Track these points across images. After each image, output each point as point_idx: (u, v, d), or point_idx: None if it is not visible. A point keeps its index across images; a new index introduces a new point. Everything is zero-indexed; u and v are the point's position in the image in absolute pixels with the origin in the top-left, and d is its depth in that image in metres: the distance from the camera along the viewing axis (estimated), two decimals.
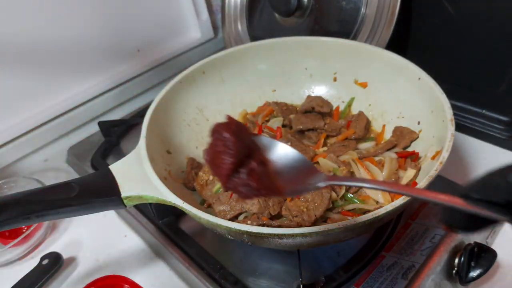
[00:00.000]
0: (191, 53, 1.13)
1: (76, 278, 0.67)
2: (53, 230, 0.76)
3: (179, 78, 0.72)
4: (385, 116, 0.74)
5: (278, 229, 0.45)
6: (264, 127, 0.74)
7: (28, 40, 0.83)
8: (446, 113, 0.57)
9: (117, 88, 1.01)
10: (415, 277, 0.55)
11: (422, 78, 0.64)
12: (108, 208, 0.54)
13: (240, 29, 1.03)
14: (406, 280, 0.55)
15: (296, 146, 0.68)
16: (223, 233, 0.51)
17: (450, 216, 0.32)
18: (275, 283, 0.58)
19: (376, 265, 0.57)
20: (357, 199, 0.60)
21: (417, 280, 0.54)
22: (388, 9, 0.76)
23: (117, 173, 0.54)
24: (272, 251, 0.62)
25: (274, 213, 0.60)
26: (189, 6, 1.07)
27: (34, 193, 0.49)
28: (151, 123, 0.64)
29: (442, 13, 0.76)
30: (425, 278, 0.54)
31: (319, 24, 0.87)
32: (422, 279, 0.54)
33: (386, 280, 0.55)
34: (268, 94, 0.84)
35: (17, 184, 0.78)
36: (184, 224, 0.68)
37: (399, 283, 0.54)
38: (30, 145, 0.91)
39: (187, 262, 0.62)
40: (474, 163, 0.76)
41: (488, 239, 0.63)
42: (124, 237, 0.73)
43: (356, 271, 0.57)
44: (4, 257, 0.69)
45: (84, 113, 0.97)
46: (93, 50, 0.94)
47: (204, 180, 0.67)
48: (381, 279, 0.55)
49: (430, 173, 0.49)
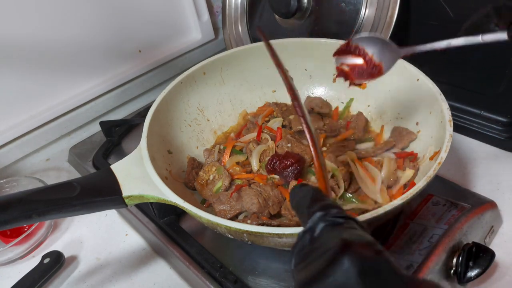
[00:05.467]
0: (192, 54, 1.13)
1: (77, 276, 0.68)
2: (54, 229, 0.77)
3: (180, 79, 0.73)
4: (384, 117, 0.75)
5: (278, 229, 0.45)
6: (264, 127, 0.75)
7: (30, 41, 0.83)
8: (444, 114, 0.57)
9: (119, 89, 1.01)
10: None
11: (420, 79, 0.65)
12: (109, 207, 0.54)
13: (241, 30, 1.03)
14: None
15: (296, 146, 0.69)
16: (223, 232, 0.51)
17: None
18: (275, 282, 0.58)
19: None
20: (355, 199, 0.61)
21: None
22: (387, 11, 0.76)
23: (119, 173, 0.54)
24: (271, 250, 0.62)
25: (273, 212, 0.60)
26: (190, 7, 1.07)
27: (36, 192, 0.49)
28: (152, 123, 0.64)
29: (440, 14, 0.76)
30: (423, 278, 0.55)
31: (318, 26, 0.87)
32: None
33: None
34: (268, 94, 0.85)
35: (19, 184, 0.79)
36: (184, 223, 0.68)
37: None
38: (32, 145, 0.92)
39: (187, 261, 0.62)
40: (472, 163, 0.76)
41: (486, 239, 0.64)
42: (125, 236, 0.73)
43: None
44: (5, 256, 0.70)
45: (86, 113, 0.97)
46: (94, 50, 0.94)
47: (204, 179, 0.67)
48: None
49: (429, 174, 0.49)
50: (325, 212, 0.32)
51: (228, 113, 0.82)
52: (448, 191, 0.66)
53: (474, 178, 0.73)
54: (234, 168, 0.68)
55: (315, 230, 0.31)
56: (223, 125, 0.81)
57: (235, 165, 0.69)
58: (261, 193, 0.61)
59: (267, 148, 0.69)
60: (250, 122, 0.80)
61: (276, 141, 0.71)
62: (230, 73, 0.80)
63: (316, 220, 0.32)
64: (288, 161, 0.62)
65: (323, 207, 0.33)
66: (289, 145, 0.68)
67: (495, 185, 0.71)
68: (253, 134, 0.74)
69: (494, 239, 0.65)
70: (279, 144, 0.69)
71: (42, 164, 0.94)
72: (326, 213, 0.32)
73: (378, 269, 0.25)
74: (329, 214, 0.32)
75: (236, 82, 0.82)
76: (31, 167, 0.93)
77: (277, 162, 0.63)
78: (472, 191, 0.67)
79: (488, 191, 0.68)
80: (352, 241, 0.27)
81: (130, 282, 0.65)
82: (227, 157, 0.70)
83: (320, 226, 0.31)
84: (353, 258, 0.25)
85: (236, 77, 0.81)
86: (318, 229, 0.31)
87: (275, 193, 0.62)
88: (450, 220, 0.60)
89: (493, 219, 0.64)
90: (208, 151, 0.74)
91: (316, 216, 0.32)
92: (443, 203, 0.64)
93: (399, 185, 0.62)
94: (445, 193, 0.65)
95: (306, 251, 0.30)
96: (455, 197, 0.65)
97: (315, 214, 0.32)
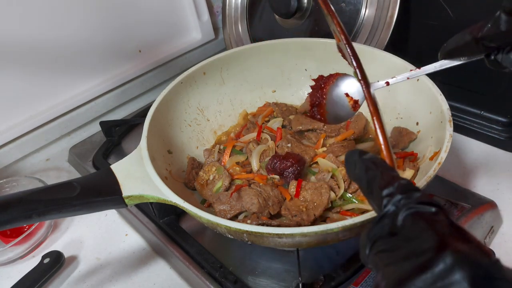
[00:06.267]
0: (192, 54, 1.13)
1: (77, 276, 0.68)
2: (54, 229, 0.77)
3: (180, 79, 0.73)
4: (384, 117, 0.75)
5: (278, 229, 0.45)
6: (264, 127, 0.75)
7: (30, 41, 0.83)
8: (444, 114, 0.57)
9: (119, 89, 1.01)
10: None
11: (420, 79, 0.65)
12: (109, 207, 0.54)
13: (241, 30, 1.03)
14: None
15: (296, 146, 0.69)
16: (223, 232, 0.51)
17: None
18: (275, 282, 0.58)
19: None
20: (356, 199, 0.61)
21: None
22: (387, 11, 0.77)
23: (119, 173, 0.54)
24: (271, 250, 0.62)
25: (273, 212, 0.60)
26: (190, 8, 1.07)
27: (36, 192, 0.49)
28: (152, 123, 0.64)
29: (440, 15, 0.76)
30: None
31: (319, 26, 0.87)
32: None
33: None
34: (268, 94, 0.85)
35: (19, 183, 0.79)
36: (184, 223, 0.69)
37: None
38: (32, 145, 0.92)
39: (187, 261, 0.62)
40: (472, 164, 0.76)
41: (486, 239, 0.64)
42: (125, 236, 0.73)
43: (354, 270, 0.57)
44: (5, 256, 0.70)
45: (86, 113, 0.97)
46: (94, 50, 0.94)
47: (204, 179, 0.67)
48: None
49: (429, 174, 0.49)
50: (407, 195, 0.28)
51: (228, 113, 0.82)
52: (448, 191, 0.66)
53: (474, 178, 0.73)
54: (234, 168, 0.68)
55: (397, 217, 0.27)
56: (223, 125, 0.81)
57: (235, 165, 0.69)
58: (261, 193, 0.61)
59: (267, 148, 0.69)
60: (250, 122, 0.80)
61: (276, 141, 0.71)
62: (230, 73, 0.80)
63: (397, 205, 0.28)
64: (288, 161, 0.62)
65: (403, 188, 0.28)
66: (289, 145, 0.68)
67: (495, 185, 0.71)
68: (253, 134, 0.74)
69: (494, 239, 0.65)
70: (279, 144, 0.69)
71: (42, 164, 0.94)
72: (408, 196, 0.28)
73: (496, 285, 0.21)
74: (412, 198, 0.28)
75: (236, 82, 0.82)
76: (31, 167, 0.93)
77: (277, 163, 0.63)
78: (472, 191, 0.67)
79: (488, 191, 0.68)
80: (458, 244, 0.23)
81: (130, 282, 0.65)
82: (227, 157, 0.70)
83: (404, 213, 0.27)
84: (465, 267, 0.22)
85: (236, 77, 0.81)
86: (402, 217, 0.27)
87: (275, 193, 0.62)
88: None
89: (493, 219, 0.64)
90: (208, 151, 0.74)
91: (396, 200, 0.28)
92: (443, 203, 0.64)
93: None
94: (445, 193, 0.65)
95: (392, 242, 0.26)
96: (455, 197, 0.65)
97: (394, 196, 0.28)
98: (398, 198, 0.28)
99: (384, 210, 0.28)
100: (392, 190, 0.29)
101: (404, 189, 0.29)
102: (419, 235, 0.25)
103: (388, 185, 0.29)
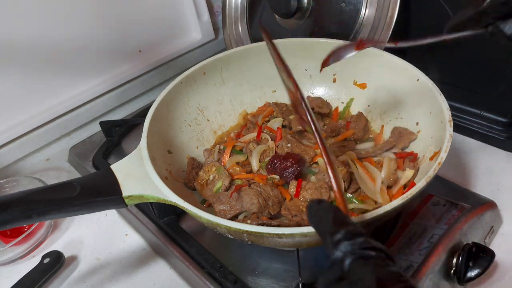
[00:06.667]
0: (192, 54, 1.13)
1: (77, 276, 0.68)
2: (54, 229, 0.77)
3: (180, 79, 0.73)
4: (384, 117, 0.75)
5: (278, 229, 0.45)
6: (264, 127, 0.75)
7: (30, 40, 0.83)
8: (444, 114, 0.57)
9: (119, 89, 1.01)
10: (413, 277, 0.55)
11: (420, 79, 0.65)
12: (109, 207, 0.54)
13: (241, 30, 1.03)
14: None
15: (296, 146, 0.69)
16: (223, 232, 0.51)
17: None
18: (275, 282, 0.58)
19: None
20: (355, 199, 0.61)
21: (415, 280, 0.55)
22: (387, 11, 0.77)
23: (119, 173, 0.54)
24: (271, 250, 0.62)
25: (273, 212, 0.60)
26: (190, 8, 1.07)
27: (36, 192, 0.49)
28: (152, 123, 0.64)
29: (441, 15, 0.76)
30: (423, 278, 0.55)
31: (318, 26, 0.87)
32: (420, 279, 0.55)
33: None
34: (268, 94, 0.85)
35: (19, 183, 0.79)
36: (184, 223, 0.69)
37: None
38: (32, 145, 0.92)
39: (187, 261, 0.62)
40: (472, 164, 0.76)
41: (486, 239, 0.64)
42: (125, 236, 0.73)
43: None
44: (5, 256, 0.70)
45: (86, 113, 0.97)
46: (94, 50, 0.94)
47: (204, 180, 0.67)
48: None
49: (429, 174, 0.49)
50: (352, 241, 0.31)
51: (228, 113, 0.82)
52: (448, 191, 0.66)
53: (474, 178, 0.73)
54: (234, 168, 0.68)
55: (344, 262, 0.30)
56: (223, 125, 0.81)
57: (235, 165, 0.69)
58: (261, 193, 0.61)
59: (267, 148, 0.69)
60: (250, 122, 0.80)
61: (276, 141, 0.71)
62: (230, 73, 0.80)
63: (344, 251, 0.31)
64: (288, 161, 0.62)
65: (348, 235, 0.32)
66: (289, 145, 0.68)
67: (495, 185, 0.71)
68: (253, 134, 0.74)
69: (494, 239, 0.65)
70: (279, 144, 0.69)
71: (42, 164, 0.94)
72: (353, 242, 0.31)
73: None
74: (356, 243, 0.31)
75: (236, 82, 0.82)
76: (31, 167, 0.93)
77: (277, 163, 0.63)
78: (472, 191, 0.67)
79: (488, 191, 0.69)
80: (388, 283, 0.27)
81: (130, 282, 0.65)
82: (227, 157, 0.70)
83: (349, 259, 0.30)
84: None
85: (236, 77, 0.81)
86: (348, 262, 0.30)
87: (275, 193, 0.62)
88: (450, 220, 0.60)
89: (493, 219, 0.64)
90: (208, 151, 0.74)
91: (343, 246, 0.31)
92: (443, 203, 0.64)
93: (399, 185, 0.62)
94: (445, 193, 0.65)
95: (340, 287, 0.29)
96: (455, 197, 0.65)
97: (341, 243, 0.31)
98: (344, 244, 0.31)
99: (333, 257, 0.31)
100: (339, 237, 0.32)
101: (349, 235, 0.32)
102: (361, 278, 0.28)
103: (336, 232, 0.33)
